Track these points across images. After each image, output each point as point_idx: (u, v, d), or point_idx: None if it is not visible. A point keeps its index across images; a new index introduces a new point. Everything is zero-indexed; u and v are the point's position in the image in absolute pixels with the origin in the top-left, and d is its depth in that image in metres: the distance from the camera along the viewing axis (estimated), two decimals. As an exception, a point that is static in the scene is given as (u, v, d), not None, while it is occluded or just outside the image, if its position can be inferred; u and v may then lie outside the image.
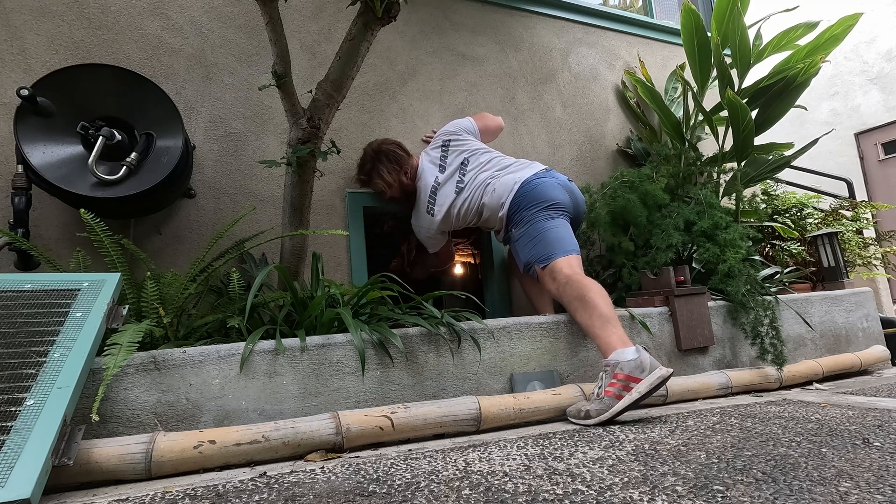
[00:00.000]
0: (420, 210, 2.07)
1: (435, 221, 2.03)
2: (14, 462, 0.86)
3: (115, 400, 1.16)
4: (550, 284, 1.73)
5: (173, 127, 1.71)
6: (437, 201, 2.02)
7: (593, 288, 1.60)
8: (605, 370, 1.42)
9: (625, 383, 1.35)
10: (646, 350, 1.42)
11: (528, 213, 1.83)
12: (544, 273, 1.75)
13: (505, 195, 1.89)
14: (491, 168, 2.00)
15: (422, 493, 0.86)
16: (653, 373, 1.35)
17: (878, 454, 0.98)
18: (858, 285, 2.61)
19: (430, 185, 2.04)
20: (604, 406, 1.35)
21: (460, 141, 2.10)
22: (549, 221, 1.81)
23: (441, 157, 2.08)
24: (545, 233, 1.79)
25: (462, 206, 1.99)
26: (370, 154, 2.11)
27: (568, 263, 1.71)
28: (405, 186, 2.11)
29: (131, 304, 1.40)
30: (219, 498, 0.89)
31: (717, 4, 2.34)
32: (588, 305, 1.56)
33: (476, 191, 1.98)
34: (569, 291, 1.63)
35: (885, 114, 5.56)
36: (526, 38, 2.83)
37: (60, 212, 1.78)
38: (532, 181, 1.88)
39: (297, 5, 2.27)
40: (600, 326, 1.51)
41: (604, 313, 1.52)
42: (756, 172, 2.49)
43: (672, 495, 0.80)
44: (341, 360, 1.37)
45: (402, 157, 2.09)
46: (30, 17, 1.84)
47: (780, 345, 1.88)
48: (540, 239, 1.78)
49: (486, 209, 1.96)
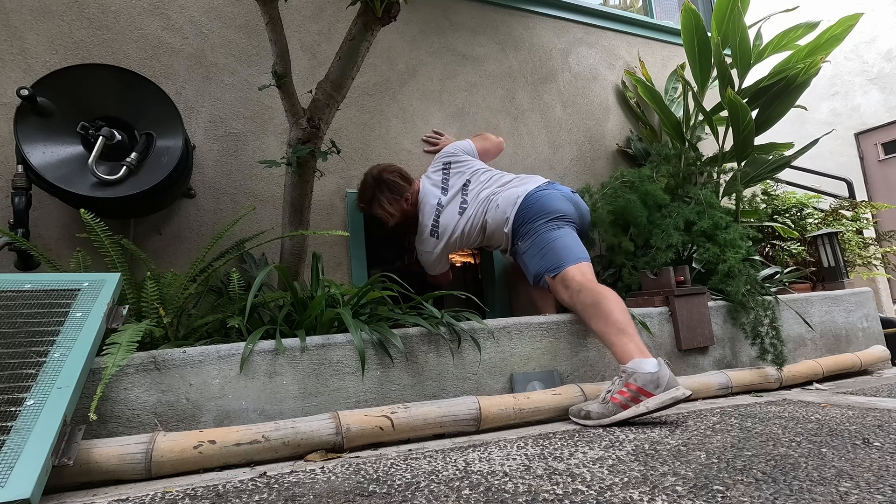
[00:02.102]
0: (423, 234, 2.04)
1: (439, 244, 2.01)
2: (14, 462, 0.86)
3: (116, 400, 1.16)
4: (563, 293, 1.70)
5: (173, 127, 1.71)
6: (441, 223, 2.00)
7: (608, 295, 1.56)
8: (620, 376, 1.40)
9: (635, 395, 1.33)
10: (668, 365, 1.38)
11: (534, 225, 1.82)
12: (556, 282, 1.72)
13: (509, 209, 1.88)
14: (492, 185, 1.99)
15: (422, 493, 0.86)
16: (667, 392, 1.32)
17: (878, 454, 0.98)
18: (858, 285, 2.61)
19: (433, 207, 2.01)
20: (606, 411, 1.34)
21: (461, 162, 2.10)
22: (555, 231, 1.79)
23: (443, 179, 2.07)
24: (553, 243, 1.77)
25: (466, 226, 1.97)
26: (370, 182, 2.07)
27: (580, 271, 1.69)
28: (407, 212, 2.08)
29: (131, 304, 1.40)
30: (219, 498, 0.89)
31: (718, 4, 2.34)
32: (602, 313, 1.53)
33: (479, 208, 1.96)
34: (582, 299, 1.60)
35: (885, 114, 5.56)
36: (526, 38, 2.83)
37: (60, 212, 1.78)
38: (535, 193, 1.87)
39: (297, 5, 2.27)
40: (616, 334, 1.48)
41: (619, 320, 1.49)
42: (756, 172, 2.49)
43: (672, 495, 0.80)
44: (341, 360, 1.37)
45: (402, 186, 2.05)
46: (30, 17, 1.84)
47: (780, 345, 1.88)
48: (548, 249, 1.76)
49: (489, 226, 1.94)
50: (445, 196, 2.03)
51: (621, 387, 1.36)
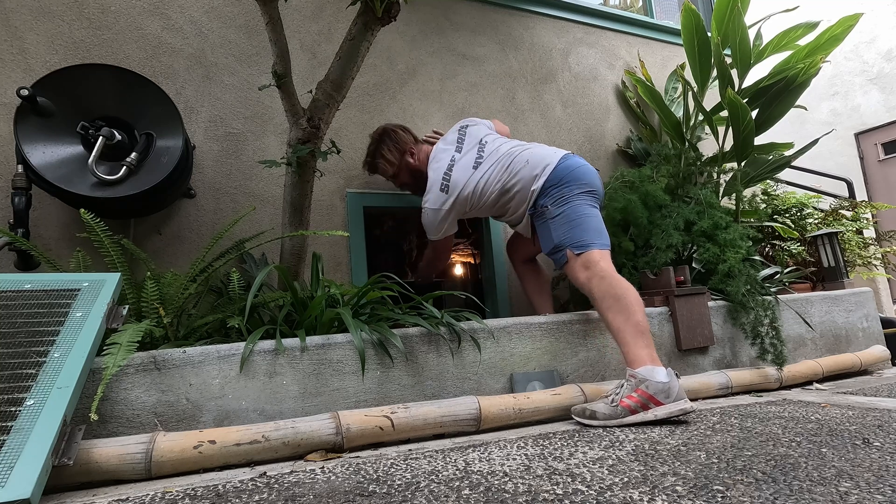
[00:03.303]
0: (432, 189, 1.88)
1: (448, 200, 1.84)
2: (14, 462, 0.86)
3: (116, 400, 1.16)
4: (581, 273, 1.61)
5: (173, 127, 1.71)
6: (453, 177, 1.85)
7: (632, 292, 1.52)
8: (629, 380, 1.38)
9: (645, 402, 1.33)
10: (676, 376, 1.38)
11: (571, 191, 1.70)
12: (577, 260, 1.63)
13: (541, 167, 1.76)
14: (513, 144, 1.90)
15: (422, 493, 0.86)
16: (676, 404, 1.33)
17: (878, 454, 0.98)
18: (858, 285, 2.61)
19: (445, 163, 1.90)
20: (614, 414, 1.34)
21: (478, 125, 2.02)
22: (591, 208, 1.71)
23: (458, 139, 1.97)
24: (587, 218, 1.67)
25: (480, 182, 1.83)
26: (374, 137, 2.05)
27: (605, 257, 1.62)
28: (413, 169, 2.01)
29: (131, 304, 1.40)
30: (219, 498, 0.89)
31: (718, 4, 2.34)
32: (624, 309, 1.48)
33: (498, 164, 1.83)
34: (604, 287, 1.54)
35: (885, 114, 5.55)
36: (526, 38, 2.83)
37: (60, 212, 1.78)
38: (576, 160, 1.79)
39: (297, 5, 2.27)
40: (633, 335, 1.45)
41: (640, 322, 1.46)
42: (756, 172, 2.49)
43: (672, 495, 0.80)
44: (341, 360, 1.37)
45: (405, 138, 2.02)
46: (30, 17, 1.84)
47: (780, 345, 1.88)
48: (580, 223, 1.66)
49: (511, 183, 1.80)
50: (459, 154, 1.91)
51: (631, 391, 1.35)
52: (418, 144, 2.05)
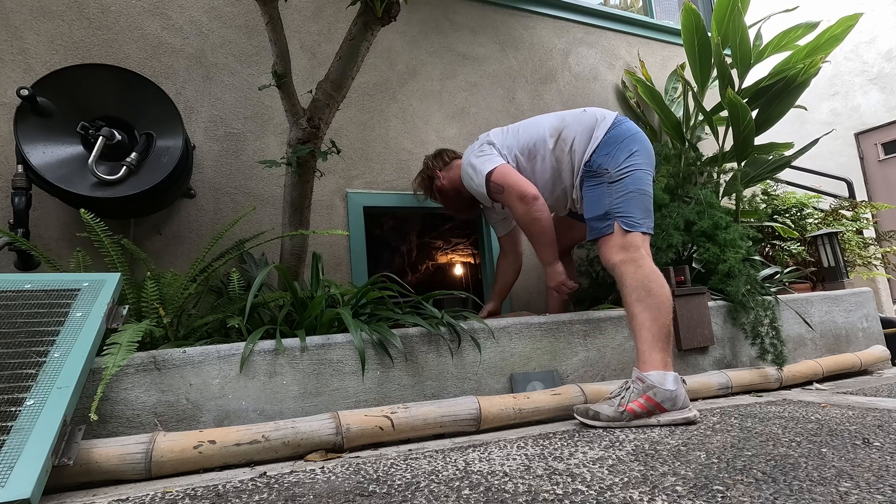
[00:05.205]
0: (485, 162, 1.74)
1: (494, 152, 1.74)
2: (14, 462, 0.86)
3: (116, 400, 1.16)
4: (616, 253, 1.48)
5: (173, 127, 1.71)
6: (498, 145, 1.77)
7: (666, 290, 1.44)
8: (637, 383, 1.35)
9: (651, 408, 1.32)
10: (683, 382, 1.37)
11: (635, 157, 1.56)
12: (617, 237, 1.49)
13: (602, 117, 1.65)
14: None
15: (422, 493, 0.86)
16: (681, 412, 1.32)
17: (878, 454, 0.98)
18: (858, 285, 2.61)
19: (475, 146, 1.84)
20: (618, 416, 1.33)
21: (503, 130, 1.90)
22: (650, 187, 1.58)
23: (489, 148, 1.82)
24: (644, 196, 1.54)
25: (520, 126, 1.79)
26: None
27: (646, 243, 1.52)
28: (447, 190, 1.95)
29: (131, 304, 1.40)
30: (219, 498, 0.89)
31: (718, 4, 2.34)
32: (654, 306, 1.40)
33: (539, 124, 1.76)
34: (639, 276, 1.43)
35: (885, 114, 5.55)
36: (526, 38, 2.83)
37: (60, 212, 1.78)
38: (636, 126, 1.65)
39: (297, 5, 2.27)
40: (655, 335, 1.38)
41: (666, 324, 1.40)
42: (756, 172, 2.49)
43: (672, 495, 0.80)
44: (341, 360, 1.37)
45: (430, 163, 1.99)
46: (30, 17, 1.84)
47: (780, 345, 1.88)
48: (637, 199, 1.52)
49: (569, 130, 1.67)
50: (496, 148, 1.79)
51: (638, 397, 1.33)
52: (450, 163, 1.99)
